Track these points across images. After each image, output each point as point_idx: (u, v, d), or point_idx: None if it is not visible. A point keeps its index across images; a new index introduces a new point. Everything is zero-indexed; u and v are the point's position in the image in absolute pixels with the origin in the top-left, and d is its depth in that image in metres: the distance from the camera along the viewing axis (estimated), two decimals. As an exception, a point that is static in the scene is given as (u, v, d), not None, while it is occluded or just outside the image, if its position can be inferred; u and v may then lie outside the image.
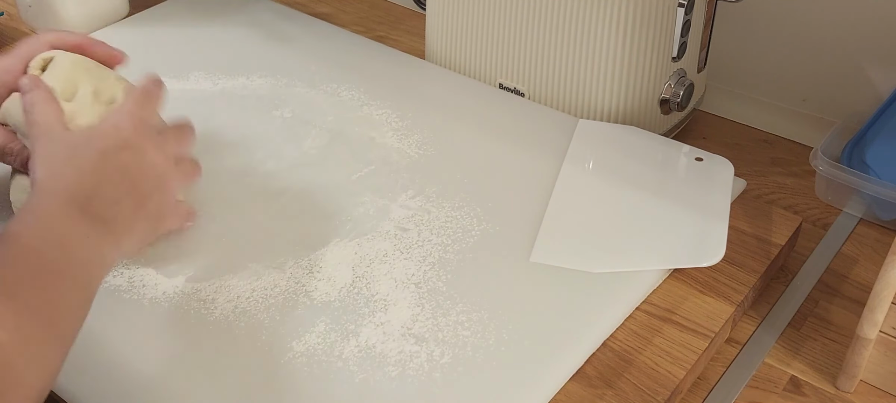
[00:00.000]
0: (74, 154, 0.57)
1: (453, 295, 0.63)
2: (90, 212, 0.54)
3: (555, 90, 0.84)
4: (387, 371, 0.58)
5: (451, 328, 0.61)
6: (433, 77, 0.90)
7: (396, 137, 0.80)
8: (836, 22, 0.84)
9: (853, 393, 0.62)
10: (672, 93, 0.82)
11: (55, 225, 0.52)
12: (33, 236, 0.50)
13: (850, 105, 0.86)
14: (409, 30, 1.05)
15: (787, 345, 0.66)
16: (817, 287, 0.72)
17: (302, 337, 0.60)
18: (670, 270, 0.67)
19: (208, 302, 0.63)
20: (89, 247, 0.53)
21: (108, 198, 0.56)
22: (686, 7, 0.77)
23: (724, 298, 0.66)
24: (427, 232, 0.69)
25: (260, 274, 0.65)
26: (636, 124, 0.82)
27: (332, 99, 0.86)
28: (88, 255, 0.53)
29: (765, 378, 0.64)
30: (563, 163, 0.76)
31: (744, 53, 0.91)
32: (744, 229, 0.72)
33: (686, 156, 0.78)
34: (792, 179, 0.83)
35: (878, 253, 0.74)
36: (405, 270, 0.65)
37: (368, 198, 0.72)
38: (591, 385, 0.59)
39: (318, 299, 0.63)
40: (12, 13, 1.05)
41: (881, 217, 0.77)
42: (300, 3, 1.10)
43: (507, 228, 0.70)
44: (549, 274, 0.65)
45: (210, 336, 0.60)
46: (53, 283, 0.49)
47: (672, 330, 0.63)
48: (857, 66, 0.85)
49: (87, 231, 0.53)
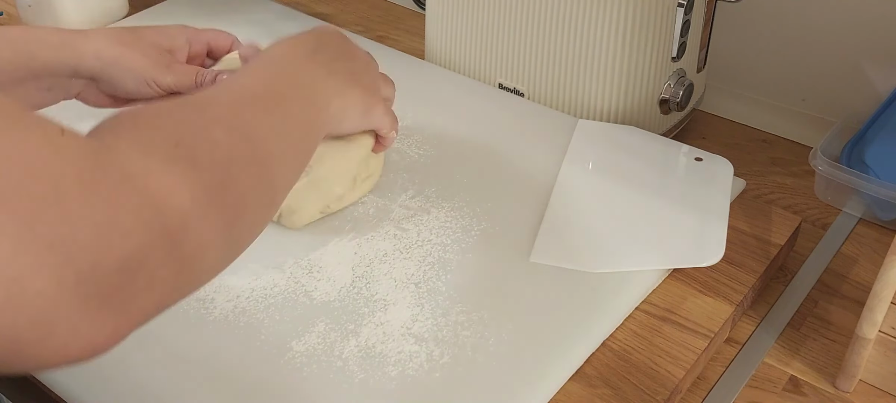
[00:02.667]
0: (286, 48, 0.58)
1: (453, 295, 0.63)
2: (316, 60, 0.56)
3: (554, 90, 0.84)
4: (387, 371, 0.58)
5: (450, 328, 0.61)
6: (433, 77, 0.91)
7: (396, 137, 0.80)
8: (836, 22, 0.84)
9: (852, 393, 0.62)
10: (671, 93, 0.82)
11: (286, 62, 0.54)
12: (261, 75, 0.52)
13: (849, 105, 0.86)
14: (408, 30, 1.05)
15: (786, 345, 0.66)
16: (817, 287, 0.72)
17: (302, 337, 0.60)
18: (670, 270, 0.67)
19: (208, 302, 0.63)
20: (316, 83, 0.54)
21: (329, 55, 0.58)
22: (685, 7, 0.77)
23: (723, 298, 0.66)
24: (427, 233, 0.69)
25: (259, 274, 0.65)
26: (636, 124, 0.82)
27: (331, 99, 0.86)
28: (314, 91, 0.54)
29: (764, 377, 0.64)
30: (562, 163, 0.76)
31: (743, 53, 0.91)
32: (743, 229, 0.72)
33: (686, 155, 0.78)
34: (791, 179, 0.83)
35: (877, 253, 0.74)
36: (405, 270, 0.65)
37: (368, 199, 0.72)
38: (591, 384, 0.59)
39: (318, 299, 0.63)
40: (12, 13, 1.05)
41: (880, 217, 0.77)
42: (300, 3, 1.10)
43: (507, 228, 0.70)
44: (548, 274, 0.65)
45: (210, 335, 0.60)
46: (274, 109, 0.49)
47: (671, 330, 0.63)
48: (857, 65, 0.85)
49: (316, 70, 0.55)
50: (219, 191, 0.41)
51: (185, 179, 0.39)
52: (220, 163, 0.42)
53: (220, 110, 0.46)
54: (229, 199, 0.42)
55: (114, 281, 0.34)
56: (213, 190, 0.40)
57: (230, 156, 0.43)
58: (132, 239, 0.35)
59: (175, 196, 0.37)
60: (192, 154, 0.40)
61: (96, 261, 0.33)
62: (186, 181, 0.39)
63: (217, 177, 0.41)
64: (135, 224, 0.35)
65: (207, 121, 0.44)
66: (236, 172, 0.43)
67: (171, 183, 0.38)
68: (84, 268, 0.33)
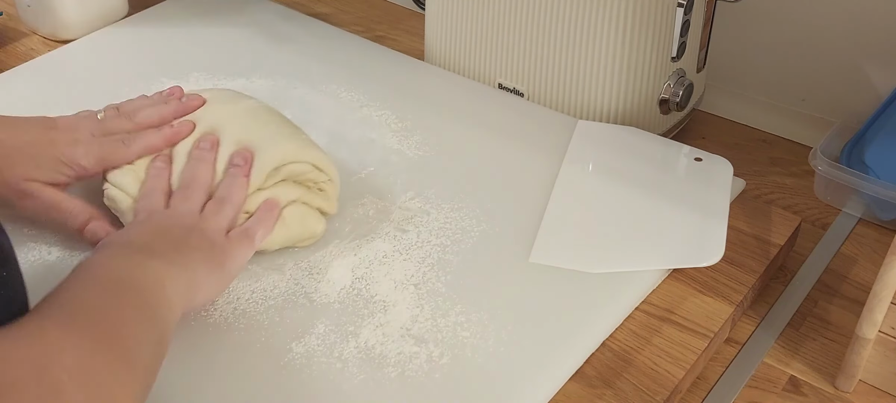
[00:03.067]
0: (139, 225, 0.62)
1: (453, 295, 0.63)
2: (150, 252, 0.56)
3: (554, 90, 0.84)
4: (386, 372, 0.58)
5: (450, 329, 0.61)
6: (432, 77, 0.91)
7: (396, 138, 0.80)
8: (836, 22, 0.84)
9: (852, 393, 0.62)
10: (671, 93, 0.82)
11: (120, 261, 0.55)
12: (100, 271, 0.52)
13: (849, 105, 0.86)
14: (408, 30, 1.05)
15: (786, 345, 0.66)
16: (816, 287, 0.72)
17: (301, 339, 0.60)
18: (669, 270, 0.67)
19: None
20: (154, 278, 0.54)
21: (166, 244, 0.58)
22: (685, 7, 0.77)
23: (723, 298, 0.66)
24: (426, 234, 0.69)
25: (259, 276, 0.65)
26: (635, 124, 0.82)
27: (331, 100, 0.86)
28: (153, 285, 0.53)
29: (764, 377, 0.64)
30: (562, 164, 0.76)
31: (743, 53, 0.91)
32: (743, 229, 0.72)
33: (685, 156, 0.78)
34: (791, 179, 0.83)
35: (877, 253, 0.74)
36: (404, 271, 0.65)
37: (368, 200, 0.72)
38: (591, 385, 0.59)
39: (318, 300, 0.63)
40: (12, 13, 1.05)
41: (880, 217, 0.77)
42: (300, 3, 1.10)
43: (507, 229, 0.70)
44: (548, 274, 0.65)
45: (210, 337, 0.60)
46: (120, 312, 0.49)
47: (671, 330, 0.63)
48: (856, 66, 0.85)
49: (149, 263, 0.55)
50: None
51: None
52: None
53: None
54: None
55: None
56: None
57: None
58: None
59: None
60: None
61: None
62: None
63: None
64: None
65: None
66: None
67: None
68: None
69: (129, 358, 0.47)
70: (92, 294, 0.50)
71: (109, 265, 0.54)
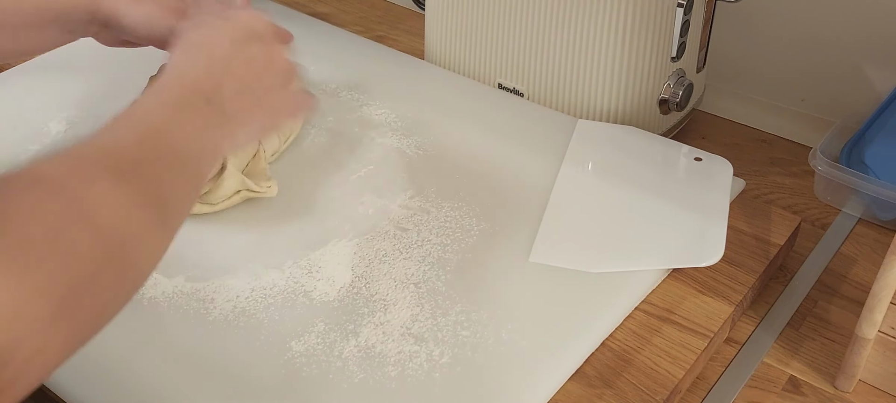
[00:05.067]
0: (209, 41, 0.58)
1: (453, 295, 0.63)
2: (214, 103, 0.55)
3: (554, 90, 0.84)
4: (386, 371, 0.58)
5: (450, 328, 0.61)
6: (432, 77, 0.91)
7: (396, 137, 0.80)
8: (836, 22, 0.85)
9: (852, 393, 0.62)
10: (671, 93, 0.82)
11: (179, 111, 0.53)
12: (156, 119, 0.51)
13: (848, 105, 0.86)
14: (408, 30, 1.05)
15: (785, 345, 0.66)
16: (816, 287, 0.72)
17: (301, 337, 0.60)
18: (669, 270, 0.67)
19: (207, 302, 0.63)
20: (207, 138, 0.53)
21: (232, 88, 0.56)
22: (685, 7, 0.77)
23: (722, 298, 0.66)
24: (426, 232, 0.69)
25: (259, 274, 0.65)
26: (635, 124, 0.82)
27: (331, 99, 0.86)
28: (205, 145, 0.53)
29: (764, 377, 0.64)
30: (562, 164, 0.76)
31: (743, 53, 0.91)
32: (743, 229, 0.72)
33: (685, 156, 0.78)
34: (791, 179, 0.83)
35: (876, 253, 0.74)
36: (404, 270, 0.65)
37: (368, 199, 0.72)
38: (591, 384, 0.59)
39: (318, 299, 0.63)
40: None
41: (880, 217, 0.77)
42: (300, 3, 1.10)
43: (507, 228, 0.70)
44: (548, 274, 0.65)
45: (209, 335, 0.60)
46: (168, 169, 0.49)
47: (671, 330, 0.63)
48: (856, 66, 0.85)
49: (208, 121, 0.54)
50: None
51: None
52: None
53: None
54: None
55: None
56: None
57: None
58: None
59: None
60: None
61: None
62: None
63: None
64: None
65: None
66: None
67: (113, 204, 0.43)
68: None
69: (169, 217, 0.48)
70: (147, 147, 0.48)
71: (171, 116, 0.52)
